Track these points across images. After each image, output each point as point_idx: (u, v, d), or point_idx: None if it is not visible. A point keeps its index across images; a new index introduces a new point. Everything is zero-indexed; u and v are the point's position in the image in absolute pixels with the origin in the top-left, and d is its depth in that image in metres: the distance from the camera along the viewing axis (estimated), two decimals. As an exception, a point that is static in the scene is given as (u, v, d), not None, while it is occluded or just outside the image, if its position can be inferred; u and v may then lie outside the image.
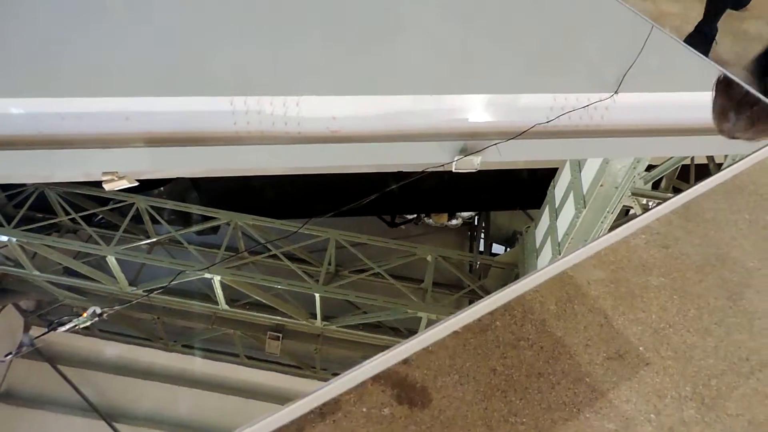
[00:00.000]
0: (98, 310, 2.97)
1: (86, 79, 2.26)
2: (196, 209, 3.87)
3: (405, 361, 1.24)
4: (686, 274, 1.52)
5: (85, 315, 2.89)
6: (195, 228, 4.02)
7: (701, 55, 0.87)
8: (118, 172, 2.50)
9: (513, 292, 0.93)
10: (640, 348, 1.26)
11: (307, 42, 2.26)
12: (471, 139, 2.54)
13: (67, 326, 3.00)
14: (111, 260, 3.58)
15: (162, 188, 4.09)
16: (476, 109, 2.48)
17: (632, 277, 1.38)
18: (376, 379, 1.22)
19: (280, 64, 2.30)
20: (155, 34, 2.23)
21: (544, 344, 1.29)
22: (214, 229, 4.21)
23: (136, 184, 2.62)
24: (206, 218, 3.90)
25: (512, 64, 2.23)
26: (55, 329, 3.22)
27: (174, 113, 2.30)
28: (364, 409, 1.23)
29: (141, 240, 3.96)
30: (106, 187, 2.51)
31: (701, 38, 4.74)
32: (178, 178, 3.84)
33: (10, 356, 3.40)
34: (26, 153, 2.37)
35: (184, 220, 4.10)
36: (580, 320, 1.31)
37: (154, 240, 3.94)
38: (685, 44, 0.88)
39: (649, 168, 2.86)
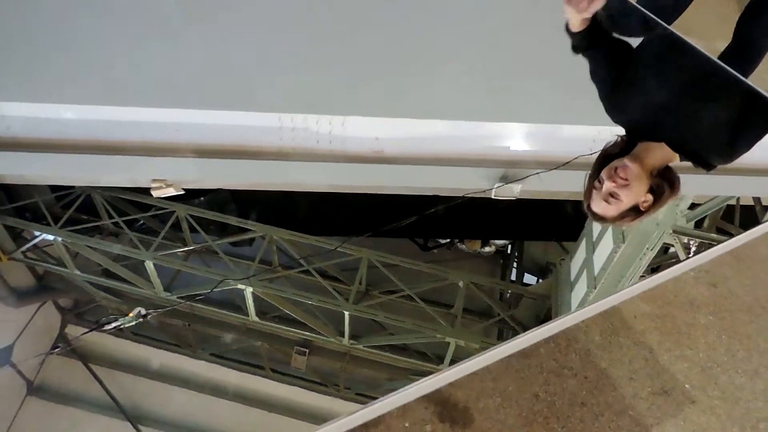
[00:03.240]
0: (143, 311, 3.04)
1: (141, 90, 2.34)
2: (234, 221, 3.95)
3: (450, 382, 1.27)
4: (736, 314, 1.50)
5: (131, 315, 2.96)
6: (231, 239, 4.10)
7: (760, 90, 0.87)
8: (167, 179, 2.57)
9: (563, 324, 0.94)
10: (687, 385, 1.24)
11: (355, 63, 2.31)
12: (511, 167, 2.54)
13: (113, 324, 3.07)
14: (149, 265, 3.67)
15: (202, 198, 4.19)
16: (518, 138, 2.48)
17: (679, 314, 1.36)
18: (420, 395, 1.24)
19: (329, 83, 2.35)
20: (210, 50, 2.30)
21: (588, 374, 1.29)
22: (249, 242, 4.29)
23: (183, 192, 2.69)
24: (242, 230, 3.98)
25: (556, 94, 2.23)
26: (101, 327, 3.30)
27: (223, 126, 2.36)
28: (406, 425, 1.23)
29: (178, 247, 4.06)
30: (154, 193, 2.58)
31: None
32: (218, 189, 3.93)
33: (57, 349, 3.49)
34: (78, 157, 2.45)
35: (221, 230, 4.18)
36: (625, 353, 1.30)
37: (191, 248, 4.03)
38: (741, 78, 0.89)
39: (693, 206, 2.79)
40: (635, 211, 1.07)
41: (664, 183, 1.07)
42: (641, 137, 1.10)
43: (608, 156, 1.10)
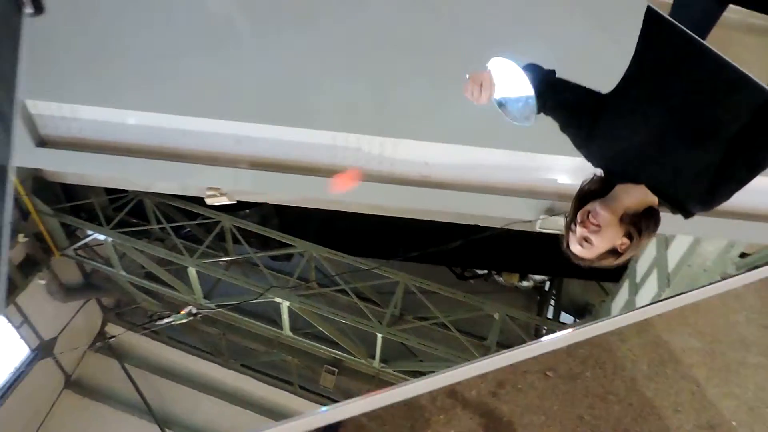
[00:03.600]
0: (194, 310, 3.12)
1: (206, 101, 2.43)
2: (276, 235, 4.03)
3: (495, 394, 1.27)
4: (788, 358, 1.45)
5: (182, 312, 3.03)
6: (272, 253, 4.18)
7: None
8: (221, 188, 2.67)
9: (600, 328, 0.93)
10: (733, 422, 1.21)
11: (410, 87, 2.36)
12: (559, 200, 2.54)
13: (164, 321, 3.16)
14: (191, 271, 3.78)
15: (247, 210, 4.30)
16: (567, 171, 2.48)
17: (729, 352, 1.33)
18: (466, 405, 1.25)
19: (384, 106, 2.42)
20: (273, 66, 2.39)
21: (633, 402, 1.27)
22: (288, 257, 4.36)
23: (236, 202, 2.77)
24: (284, 245, 4.05)
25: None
26: (148, 324, 3.39)
27: (280, 141, 2.43)
28: None
29: (221, 257, 4.16)
30: (208, 201, 2.67)
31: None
32: (263, 203, 4.02)
33: (96, 344, 3.60)
34: (140, 161, 2.54)
35: (262, 243, 4.27)
36: (671, 384, 1.28)
37: (233, 258, 4.13)
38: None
39: (743, 255, 2.72)
40: (614, 253, 1.02)
41: (639, 226, 1.02)
42: (619, 179, 1.06)
43: (585, 195, 1.05)
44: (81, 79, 2.50)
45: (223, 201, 2.76)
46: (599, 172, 1.15)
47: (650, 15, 1.09)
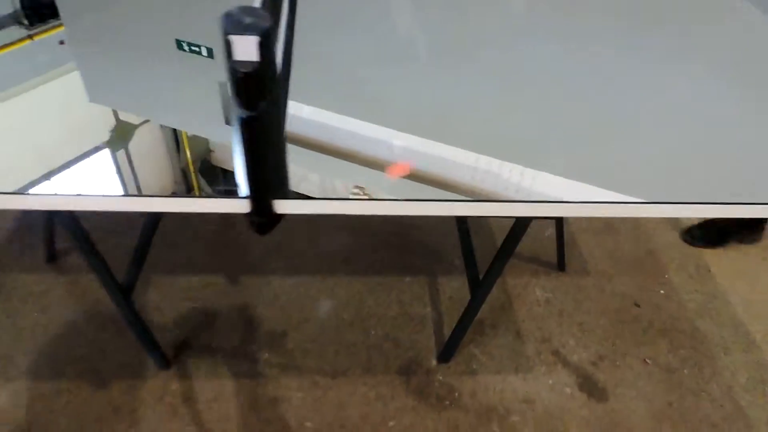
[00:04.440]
0: None
1: (369, 106, 2.75)
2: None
3: (594, 364, 1.43)
4: None
5: None
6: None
7: None
8: (366, 188, 3.01)
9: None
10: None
11: (558, 120, 2.54)
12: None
13: None
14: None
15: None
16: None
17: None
18: (566, 365, 1.42)
19: (531, 135, 2.63)
20: (437, 86, 2.67)
21: (725, 405, 1.32)
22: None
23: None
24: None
25: None
26: None
27: (428, 155, 2.72)
28: (550, 382, 1.41)
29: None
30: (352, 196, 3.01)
31: None
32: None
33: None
34: (302, 151, 2.93)
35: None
36: (768, 401, 1.33)
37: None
38: None
39: None
40: None
41: None
42: None
43: None
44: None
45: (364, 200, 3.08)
46: None
47: None
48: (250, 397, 1.40)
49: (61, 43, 2.14)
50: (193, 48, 2.72)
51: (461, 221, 1.79)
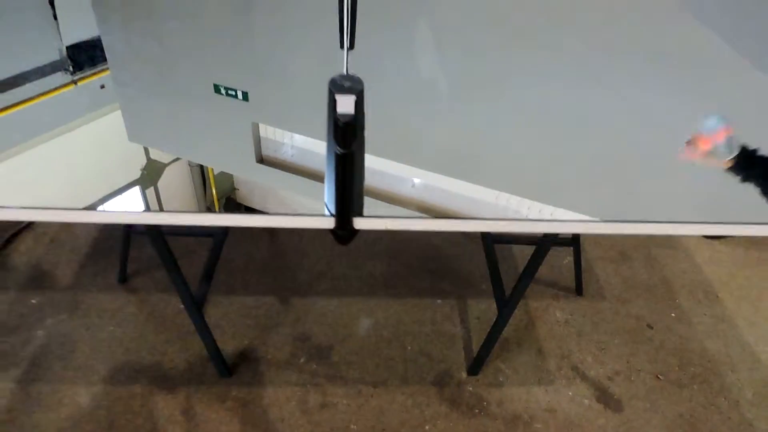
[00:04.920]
0: None
1: (391, 145, 2.87)
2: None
3: (610, 378, 1.56)
4: None
5: None
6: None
7: None
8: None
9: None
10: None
11: (569, 163, 2.63)
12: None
13: None
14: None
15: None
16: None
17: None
18: (585, 379, 1.55)
19: (550, 176, 2.72)
20: (459, 124, 2.76)
21: (732, 417, 1.41)
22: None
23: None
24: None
25: None
26: None
27: (449, 192, 2.84)
28: (570, 393, 1.54)
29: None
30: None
31: None
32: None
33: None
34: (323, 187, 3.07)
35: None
36: (774, 414, 1.43)
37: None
38: None
39: None
40: None
41: None
42: None
43: None
44: (299, 111, 3.06)
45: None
46: None
47: None
48: (300, 402, 1.56)
49: (102, 87, 2.32)
50: (230, 92, 2.90)
51: (489, 251, 1.94)
